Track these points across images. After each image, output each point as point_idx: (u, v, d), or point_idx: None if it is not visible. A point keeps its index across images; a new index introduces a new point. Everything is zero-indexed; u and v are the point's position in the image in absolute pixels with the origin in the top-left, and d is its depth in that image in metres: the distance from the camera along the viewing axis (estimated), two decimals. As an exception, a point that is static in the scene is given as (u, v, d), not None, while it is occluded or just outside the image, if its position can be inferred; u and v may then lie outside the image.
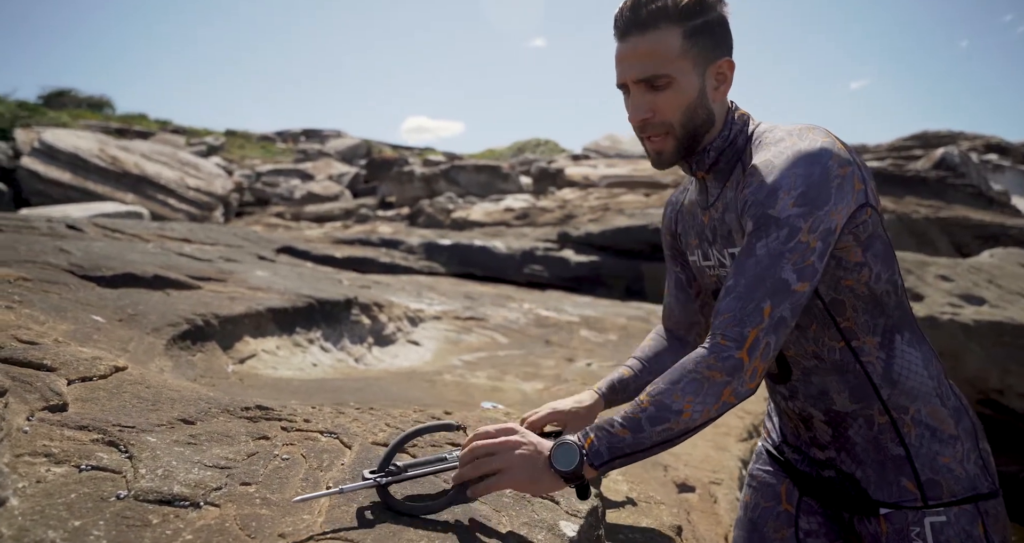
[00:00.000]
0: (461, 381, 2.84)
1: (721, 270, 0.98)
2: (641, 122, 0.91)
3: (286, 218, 14.66)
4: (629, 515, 1.24)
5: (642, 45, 0.88)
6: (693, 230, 1.04)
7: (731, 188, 0.94)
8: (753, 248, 0.81)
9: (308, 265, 4.59)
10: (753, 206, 0.83)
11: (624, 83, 0.92)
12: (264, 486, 0.92)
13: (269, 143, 31.52)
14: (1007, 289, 4.31)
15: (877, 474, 0.92)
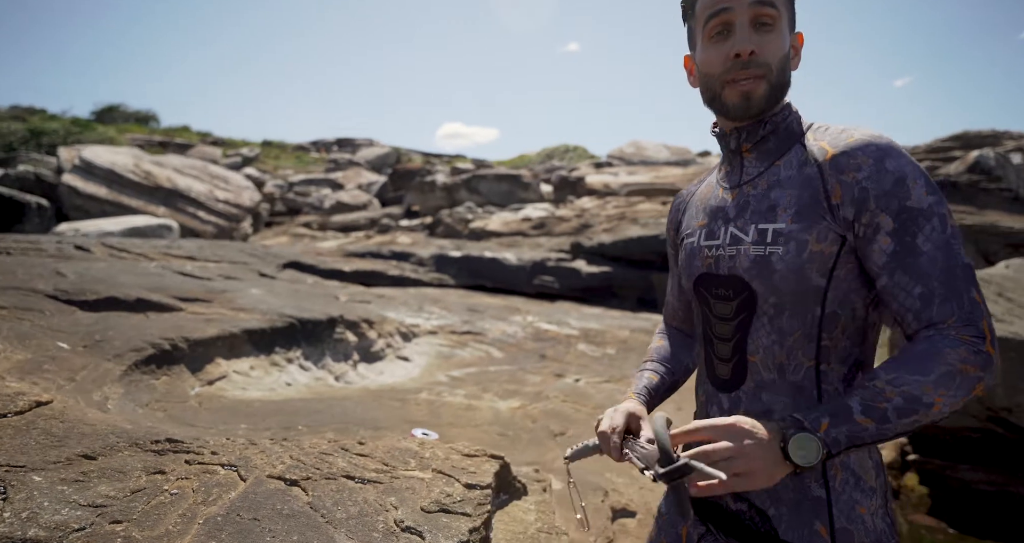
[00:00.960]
0: (435, 400, 2.88)
1: (731, 248, 0.91)
2: (748, 55, 0.86)
3: (313, 228, 15.00)
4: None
5: None
6: (704, 211, 0.98)
7: (787, 167, 0.90)
8: (915, 244, 0.79)
9: (310, 281, 4.71)
10: (883, 198, 0.81)
11: (727, 10, 0.87)
12: (135, 524, 0.98)
13: (303, 153, 32.31)
14: (1017, 302, 4.14)
15: (791, 513, 0.88)
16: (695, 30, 0.94)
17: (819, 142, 0.88)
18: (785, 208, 0.87)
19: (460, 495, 1.26)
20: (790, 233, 0.86)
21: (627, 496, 1.92)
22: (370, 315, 3.96)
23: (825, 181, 0.85)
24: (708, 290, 0.95)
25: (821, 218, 0.85)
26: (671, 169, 13.46)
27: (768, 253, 0.86)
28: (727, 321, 0.92)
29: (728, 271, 0.91)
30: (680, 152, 17.19)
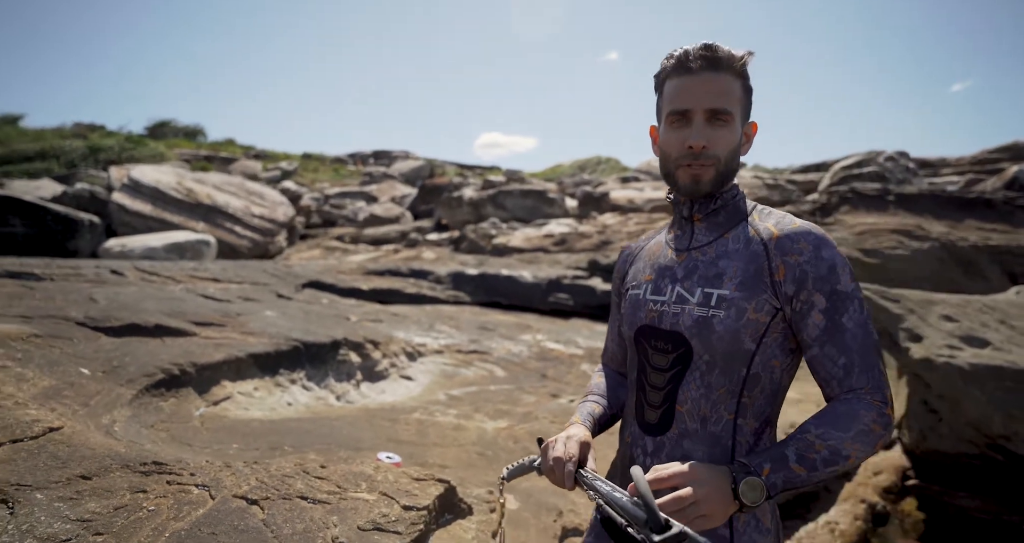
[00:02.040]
0: (426, 419, 3.09)
1: (676, 305, 1.01)
2: (700, 148, 0.98)
3: (345, 241, 15.46)
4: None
5: (715, 82, 0.98)
6: (652, 267, 1.08)
7: (735, 241, 1.01)
8: (841, 322, 0.94)
9: (325, 301, 4.98)
10: (819, 281, 0.94)
11: (687, 110, 0.99)
12: (114, 536, 1.21)
13: (341, 165, 33.22)
14: (1020, 330, 4.11)
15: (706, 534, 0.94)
16: (661, 109, 1.05)
17: (765, 223, 1.02)
18: (731, 277, 0.98)
19: (396, 516, 1.45)
20: (732, 300, 0.97)
21: (582, 516, 2.08)
22: (377, 335, 4.19)
23: (770, 259, 0.97)
24: (648, 341, 1.04)
25: (763, 290, 0.97)
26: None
27: (711, 315, 0.97)
28: (662, 372, 1.02)
29: (670, 326, 1.01)
30: (708, 165, 17.10)
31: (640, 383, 1.05)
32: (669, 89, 1.01)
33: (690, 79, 0.98)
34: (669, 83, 1.01)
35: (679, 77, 1.00)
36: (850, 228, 8.36)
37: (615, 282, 1.20)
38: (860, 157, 12.57)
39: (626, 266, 1.17)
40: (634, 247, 1.19)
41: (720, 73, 0.98)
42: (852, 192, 9.64)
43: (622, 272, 1.18)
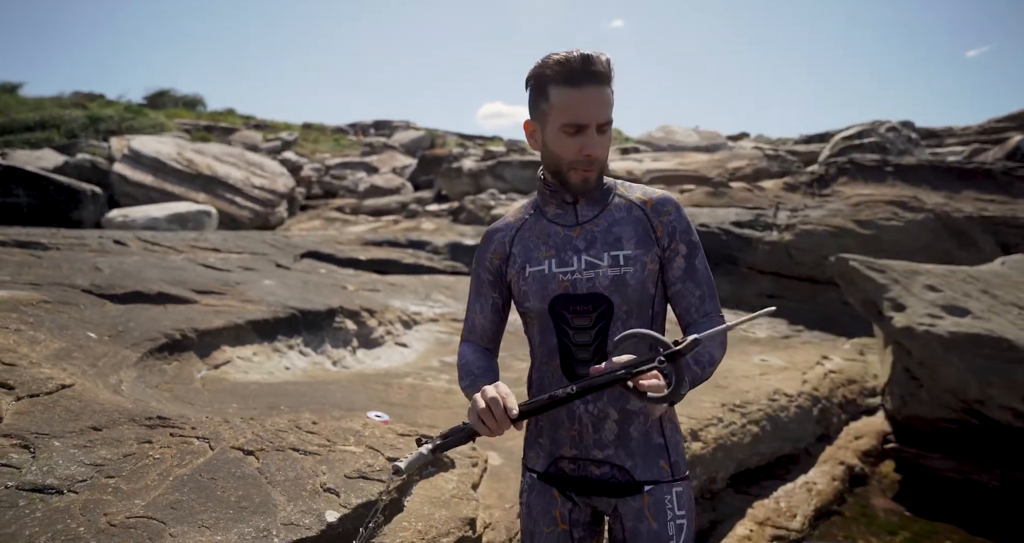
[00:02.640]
0: (418, 384, 3.22)
1: (588, 272, 1.15)
2: (596, 157, 1.13)
3: (346, 212, 15.51)
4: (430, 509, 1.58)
5: (602, 96, 1.10)
6: (544, 244, 1.19)
7: (618, 211, 1.20)
8: (695, 265, 1.20)
9: (323, 271, 5.10)
10: (682, 233, 1.19)
11: (585, 124, 1.10)
12: (123, 479, 1.34)
13: (341, 135, 32.99)
14: (1001, 299, 4.21)
15: (643, 461, 1.18)
16: (545, 113, 1.14)
17: (634, 194, 1.24)
18: (628, 239, 1.18)
19: (381, 466, 1.58)
20: (635, 257, 1.17)
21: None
22: (373, 304, 4.31)
23: (651, 220, 1.20)
24: (565, 307, 1.17)
25: (652, 245, 1.19)
26: (697, 155, 13.41)
27: (623, 272, 1.15)
28: (587, 330, 1.16)
29: (587, 290, 1.16)
30: (710, 136, 17.03)
31: (562, 346, 1.17)
32: (559, 98, 1.10)
33: (580, 93, 1.09)
34: (556, 91, 1.10)
35: (567, 88, 1.09)
36: (846, 199, 8.39)
37: (487, 263, 1.25)
38: (861, 127, 12.49)
39: (505, 248, 1.23)
40: (504, 228, 1.25)
41: (602, 86, 1.10)
42: (850, 163, 9.63)
43: (502, 253, 1.23)
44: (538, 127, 1.17)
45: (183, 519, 1.23)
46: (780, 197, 9.02)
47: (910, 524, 3.36)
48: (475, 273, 1.28)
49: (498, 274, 1.24)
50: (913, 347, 4.02)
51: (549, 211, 1.22)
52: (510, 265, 1.22)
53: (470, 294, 1.30)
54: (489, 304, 1.27)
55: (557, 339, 1.17)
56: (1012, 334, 3.74)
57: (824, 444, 4.28)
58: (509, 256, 1.23)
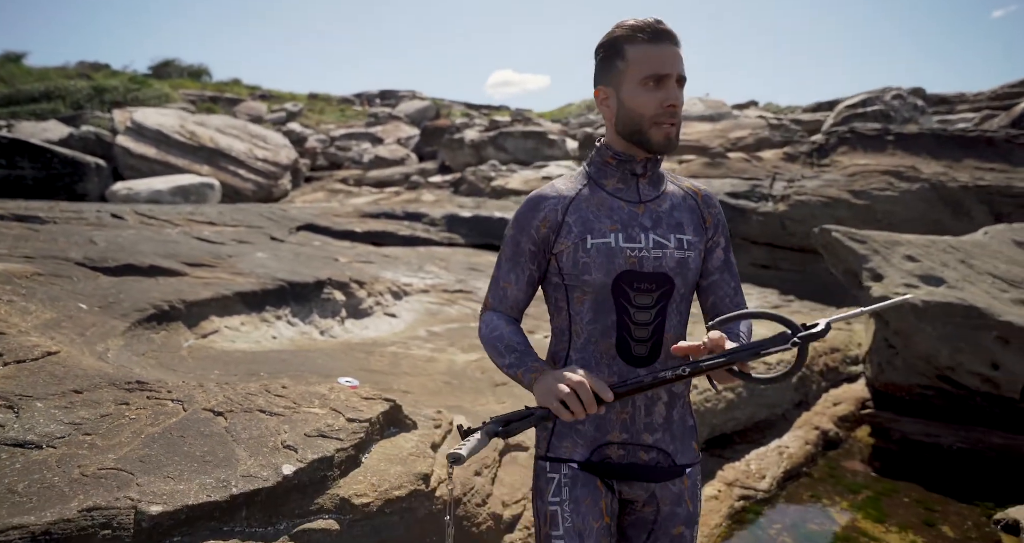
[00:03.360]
0: (401, 352, 3.36)
1: (656, 251, 1.14)
2: (680, 106, 1.13)
3: (349, 183, 15.57)
4: (388, 464, 1.72)
5: (678, 53, 1.13)
6: (610, 218, 1.15)
7: (674, 197, 1.22)
8: (730, 258, 1.26)
9: (317, 243, 5.22)
10: (723, 227, 1.25)
11: (667, 75, 1.11)
12: (99, 436, 1.48)
13: (347, 105, 32.81)
14: (977, 269, 4.26)
15: (682, 445, 1.20)
16: (622, 72, 1.13)
17: (684, 182, 1.27)
18: (687, 225, 1.20)
19: (340, 426, 1.72)
20: (694, 243, 1.19)
21: (528, 433, 2.34)
22: (364, 276, 4.43)
23: (702, 211, 1.24)
24: (629, 284, 1.14)
25: (703, 235, 1.22)
26: (700, 125, 13.27)
27: (686, 256, 1.17)
28: (647, 309, 1.14)
29: (653, 268, 1.14)
30: (715, 105, 16.78)
31: (621, 323, 1.13)
32: (638, 55, 1.11)
33: (660, 48, 1.10)
34: (634, 49, 1.11)
35: (648, 45, 1.11)
36: (843, 169, 8.35)
37: (533, 231, 1.17)
38: (866, 95, 12.30)
39: (558, 216, 1.16)
40: (555, 196, 1.18)
41: (676, 46, 1.13)
42: (851, 132, 9.54)
43: (553, 222, 1.16)
44: (612, 91, 1.15)
45: (150, 471, 1.37)
46: (779, 167, 8.98)
47: (873, 484, 3.49)
48: (513, 241, 1.19)
49: (543, 244, 1.17)
50: (889, 316, 4.10)
51: (608, 185, 1.19)
52: (563, 235, 1.15)
53: (503, 262, 1.21)
54: (526, 276, 1.20)
55: (617, 316, 1.14)
56: (983, 302, 3.82)
57: (802, 410, 4.41)
58: (561, 225, 1.16)
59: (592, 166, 1.21)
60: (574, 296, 1.16)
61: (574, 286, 1.15)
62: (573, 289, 1.15)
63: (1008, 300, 3.96)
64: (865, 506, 3.22)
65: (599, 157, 1.20)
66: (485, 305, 1.26)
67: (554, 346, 1.21)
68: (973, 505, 3.17)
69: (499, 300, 1.22)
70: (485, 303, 1.26)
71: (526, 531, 1.97)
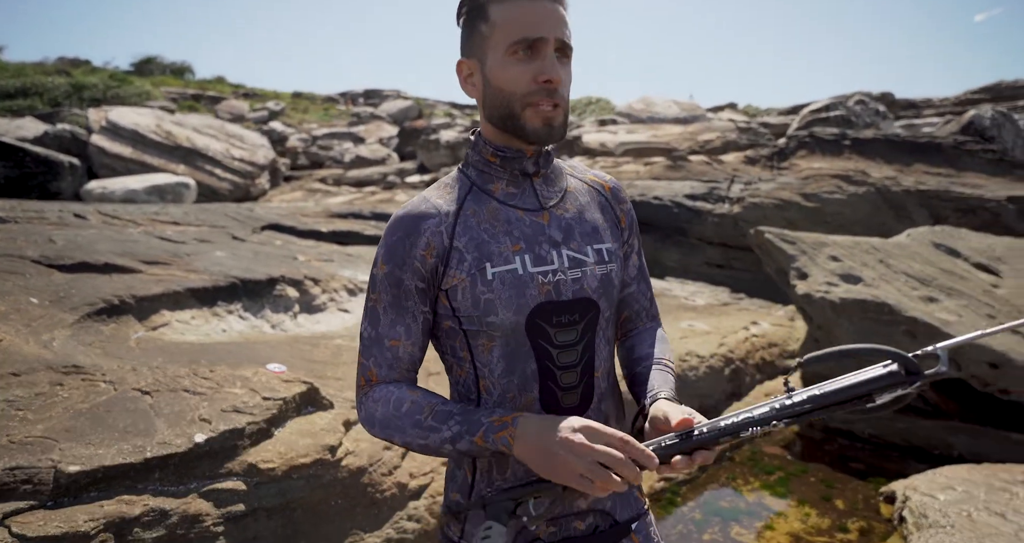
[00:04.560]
0: (346, 344, 3.58)
1: (573, 271, 0.90)
2: (557, 82, 0.85)
3: (328, 183, 15.73)
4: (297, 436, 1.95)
5: (557, 11, 0.85)
6: (505, 234, 0.89)
7: (580, 194, 0.97)
8: (643, 264, 1.04)
9: (279, 242, 5.42)
10: (636, 225, 1.04)
11: (539, 39, 0.84)
12: (32, 411, 1.69)
13: (331, 104, 32.86)
14: (894, 268, 4.55)
15: (621, 498, 0.96)
16: (486, 38, 0.87)
17: (587, 173, 1.02)
18: (603, 230, 0.95)
19: (255, 403, 1.94)
20: (613, 252, 0.95)
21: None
22: (320, 274, 4.64)
23: (614, 208, 1.00)
24: (547, 320, 0.88)
25: (620, 237, 1.00)
26: (671, 127, 13.59)
27: (609, 271, 0.93)
28: (572, 347, 0.90)
29: (574, 294, 0.89)
30: (689, 108, 17.13)
31: (544, 371, 0.89)
32: (503, 14, 0.84)
33: (531, 4, 0.84)
34: (500, 7, 0.85)
35: (512, 1, 0.84)
36: (798, 173, 8.67)
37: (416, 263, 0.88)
38: (830, 100, 12.67)
39: (443, 240, 0.88)
40: (434, 214, 0.90)
41: (556, 3, 0.86)
42: (810, 137, 9.87)
43: (439, 248, 0.88)
44: (476, 65, 0.90)
45: (74, 439, 1.59)
46: (739, 170, 9.28)
47: (787, 466, 3.77)
48: (391, 280, 0.89)
49: (432, 278, 0.89)
50: (811, 311, 4.38)
51: (497, 190, 0.92)
52: (452, 265, 0.88)
53: (380, 314, 0.90)
54: (420, 322, 0.90)
55: (537, 363, 0.89)
56: (893, 299, 4.11)
57: (733, 400, 4.69)
58: (450, 252, 0.88)
59: (471, 168, 0.94)
60: (478, 343, 0.89)
61: (477, 331, 0.88)
62: (476, 335, 0.89)
63: (917, 297, 4.25)
64: (774, 485, 3.49)
65: (478, 155, 0.93)
66: (367, 380, 0.92)
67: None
68: (867, 482, 3.45)
69: (388, 366, 0.91)
70: (366, 377, 0.92)
71: (431, 499, 2.20)
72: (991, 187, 8.01)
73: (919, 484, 3.00)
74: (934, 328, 3.92)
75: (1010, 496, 2.69)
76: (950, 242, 5.06)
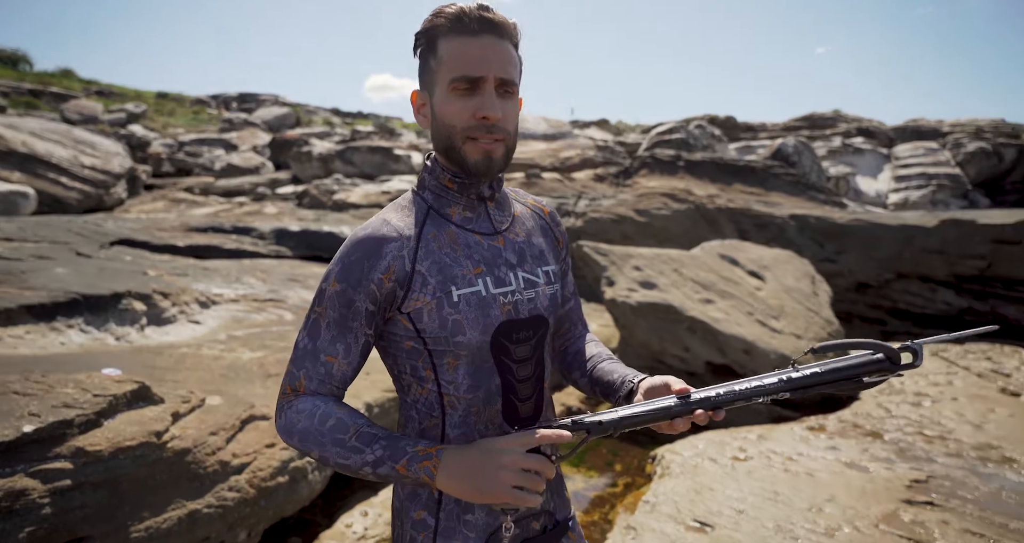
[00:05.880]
0: (191, 353, 3.86)
1: (528, 291, 0.98)
2: (494, 120, 0.91)
3: (195, 193, 15.17)
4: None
5: (501, 49, 0.91)
6: (467, 257, 0.95)
7: (527, 219, 1.06)
8: (572, 279, 1.15)
9: (128, 258, 5.49)
10: (569, 246, 1.13)
11: (481, 78, 0.90)
12: None
13: (202, 107, 31.22)
14: (685, 275, 5.54)
15: (559, 499, 1.08)
16: (435, 72, 0.93)
17: (527, 198, 1.11)
18: (547, 252, 1.05)
19: (85, 399, 2.28)
20: (557, 272, 1.05)
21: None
22: (171, 288, 4.83)
23: (553, 232, 1.10)
24: (508, 337, 0.96)
25: (560, 258, 1.10)
26: (535, 143, 14.58)
27: (555, 291, 1.03)
28: (527, 362, 0.98)
29: (529, 313, 0.98)
30: (557, 125, 18.35)
31: (506, 385, 0.97)
32: (449, 51, 0.91)
33: (475, 42, 0.90)
34: (446, 43, 0.92)
35: (459, 37, 0.91)
36: (635, 191, 9.84)
37: (373, 285, 0.92)
38: (674, 124, 14.23)
39: (406, 265, 0.93)
40: (396, 237, 0.94)
41: (503, 40, 0.93)
42: (652, 158, 11.16)
43: (400, 272, 0.92)
44: (427, 97, 0.97)
45: None
46: (587, 187, 10.31)
47: (591, 443, 4.53)
48: (341, 299, 0.93)
49: (386, 302, 0.93)
50: (616, 313, 5.22)
51: (454, 214, 0.98)
52: (415, 289, 0.93)
53: (322, 329, 0.94)
54: (359, 345, 0.95)
55: (500, 377, 0.97)
56: (678, 302, 5.03)
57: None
58: (412, 277, 0.93)
59: (427, 192, 0.99)
60: (443, 362, 0.95)
61: (442, 351, 0.94)
62: (441, 354, 0.95)
63: (698, 300, 5.21)
64: (575, 458, 4.22)
65: (435, 180, 0.98)
66: (292, 389, 0.96)
67: (416, 425, 0.98)
68: (645, 449, 4.26)
69: (319, 380, 0.94)
70: (292, 387, 0.96)
71: (252, 474, 2.62)
72: (787, 206, 9.56)
73: (676, 447, 3.82)
74: (707, 325, 4.87)
75: (724, 447, 3.55)
76: (732, 253, 6.16)
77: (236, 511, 2.46)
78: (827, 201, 10.72)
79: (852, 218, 8.45)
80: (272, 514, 2.65)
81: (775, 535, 2.60)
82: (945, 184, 13.35)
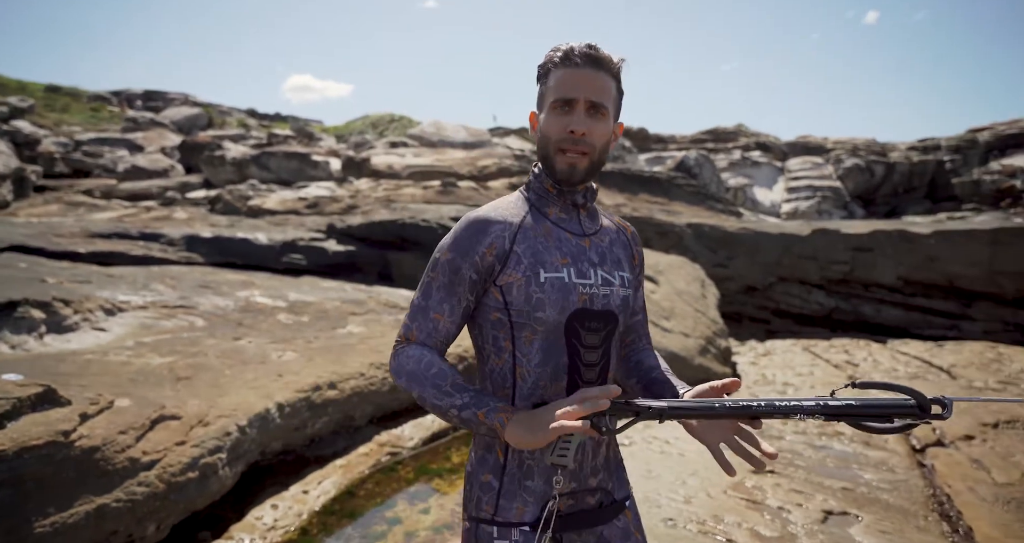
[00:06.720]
0: (97, 359, 3.87)
1: (604, 288, 1.11)
2: (580, 134, 1.07)
3: (95, 196, 14.39)
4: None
5: (597, 79, 1.09)
6: (559, 250, 1.11)
7: (610, 231, 1.21)
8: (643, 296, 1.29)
9: (23, 265, 5.32)
10: (643, 266, 1.28)
11: (574, 99, 1.08)
12: None
13: (102, 104, 29.39)
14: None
15: (617, 479, 1.19)
16: (544, 97, 1.14)
17: (614, 218, 1.28)
18: (624, 262, 1.19)
19: (-10, 402, 2.36)
20: (630, 281, 1.19)
21: (181, 411, 3.09)
22: (73, 295, 4.76)
23: (632, 248, 1.26)
24: (581, 323, 1.09)
25: (635, 271, 1.25)
26: (454, 152, 14.86)
27: (627, 294, 1.16)
28: (595, 349, 1.11)
29: (602, 307, 1.11)
30: (477, 134, 18.73)
31: (573, 365, 1.09)
32: (555, 79, 1.10)
33: (575, 72, 1.09)
34: (555, 74, 1.11)
35: (564, 69, 1.10)
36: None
37: (477, 257, 1.09)
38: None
39: (505, 244, 1.09)
40: (501, 220, 1.11)
41: (600, 72, 1.10)
42: (564, 168, 11.73)
43: (500, 249, 1.09)
44: (539, 116, 1.16)
45: None
46: (502, 196, 10.68)
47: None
48: (451, 266, 1.10)
49: (487, 273, 1.09)
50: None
51: (551, 213, 1.16)
52: (510, 265, 1.08)
53: (433, 290, 1.11)
54: (462, 308, 1.11)
55: (567, 357, 1.09)
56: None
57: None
58: (509, 254, 1.09)
59: (531, 192, 1.17)
60: (522, 335, 1.08)
61: (523, 324, 1.08)
62: (522, 327, 1.08)
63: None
64: (480, 450, 4.52)
65: (539, 183, 1.16)
66: (406, 338, 1.13)
67: (490, 392, 1.11)
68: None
69: (428, 333, 1.11)
70: (406, 336, 1.13)
71: (162, 470, 2.75)
72: (687, 215, 10.35)
73: (570, 435, 4.20)
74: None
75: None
76: (631, 259, 6.68)
77: (145, 505, 2.59)
78: (724, 210, 11.66)
79: (740, 227, 9.29)
80: (183, 508, 2.79)
81: (643, 504, 3.00)
82: (828, 196, 14.78)
